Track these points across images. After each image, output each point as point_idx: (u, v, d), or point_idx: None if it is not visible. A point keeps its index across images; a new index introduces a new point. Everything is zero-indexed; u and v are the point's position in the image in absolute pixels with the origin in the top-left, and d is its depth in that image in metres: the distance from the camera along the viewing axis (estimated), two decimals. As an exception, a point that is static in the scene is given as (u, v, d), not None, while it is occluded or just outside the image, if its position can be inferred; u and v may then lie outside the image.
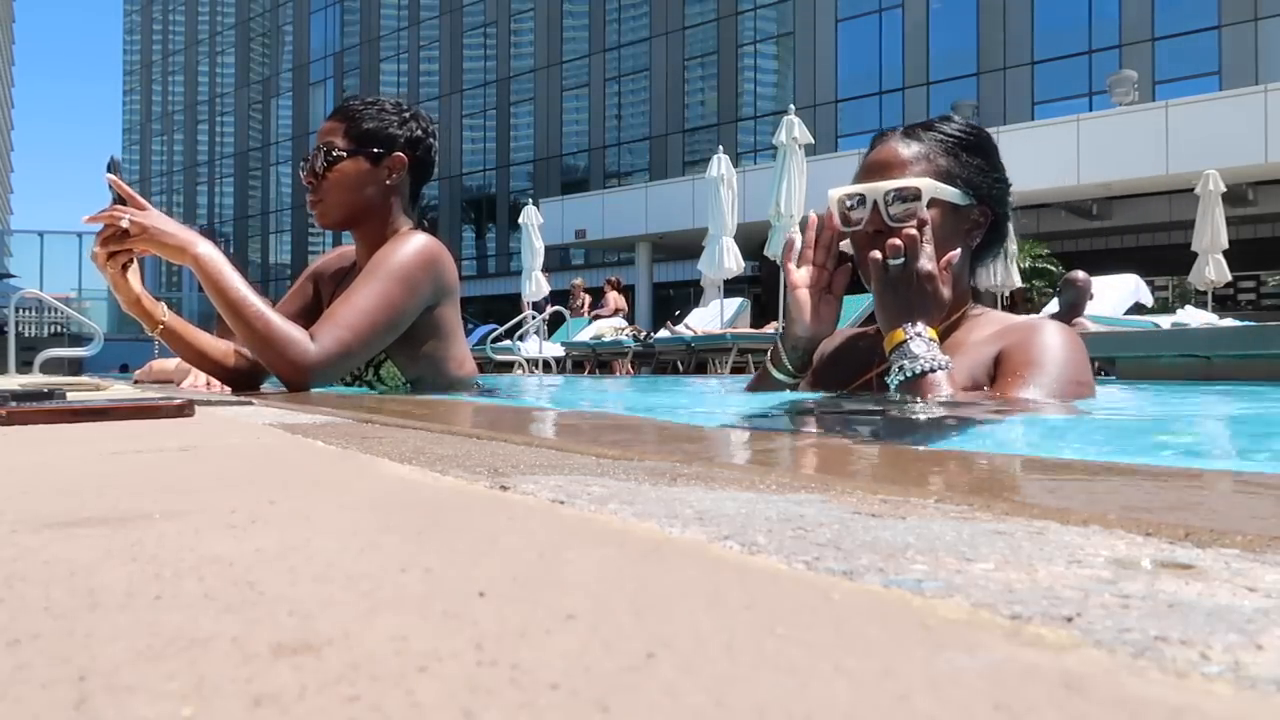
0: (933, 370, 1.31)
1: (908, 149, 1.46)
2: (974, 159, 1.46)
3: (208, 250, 1.79)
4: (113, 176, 1.83)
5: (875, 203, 1.41)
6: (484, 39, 34.81)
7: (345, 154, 1.94)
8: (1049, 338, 1.39)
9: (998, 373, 1.36)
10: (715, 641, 0.22)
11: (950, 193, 1.42)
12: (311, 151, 1.98)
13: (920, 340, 1.34)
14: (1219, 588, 0.28)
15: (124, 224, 1.74)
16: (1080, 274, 7.40)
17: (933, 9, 23.93)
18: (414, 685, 0.20)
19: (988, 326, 1.46)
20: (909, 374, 1.31)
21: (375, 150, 1.95)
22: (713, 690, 0.19)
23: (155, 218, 1.78)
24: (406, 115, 2.01)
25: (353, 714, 0.18)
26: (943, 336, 1.41)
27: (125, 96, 54.60)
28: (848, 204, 1.46)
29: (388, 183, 1.97)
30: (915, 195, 1.39)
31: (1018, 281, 11.31)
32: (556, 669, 0.20)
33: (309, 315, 2.02)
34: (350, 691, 0.19)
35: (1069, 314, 6.99)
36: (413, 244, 1.89)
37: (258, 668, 0.21)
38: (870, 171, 1.48)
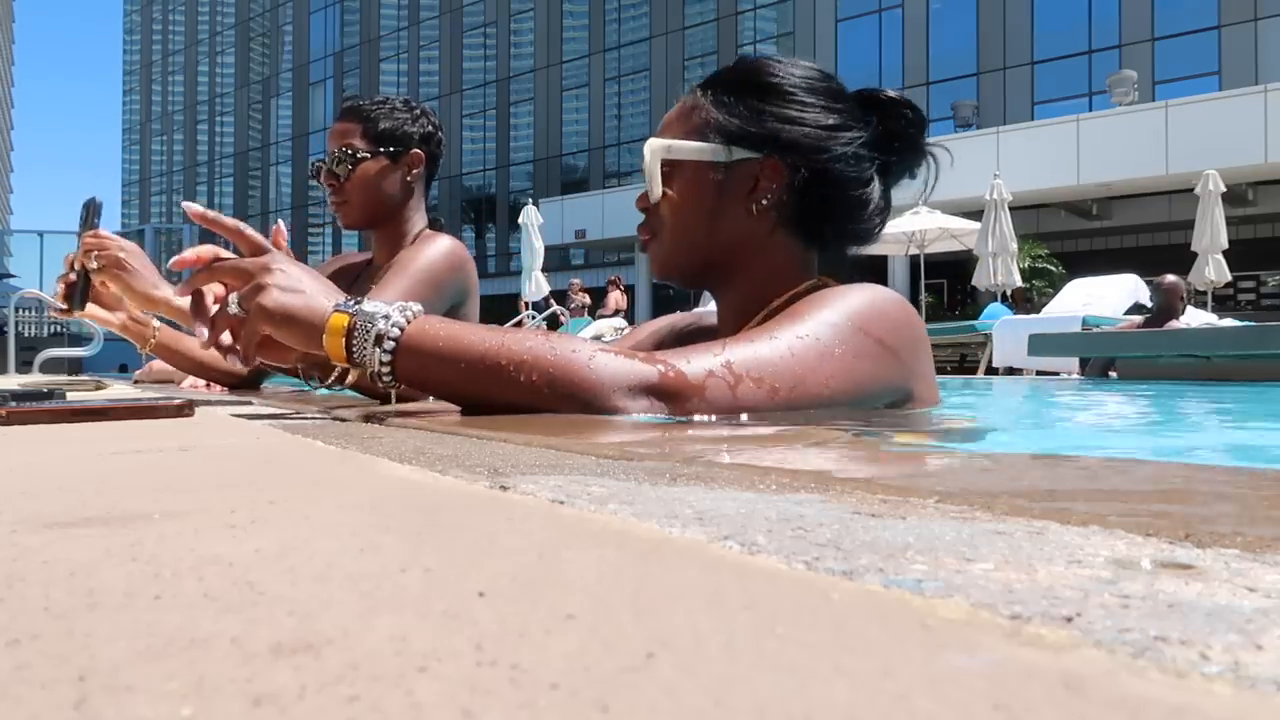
0: (410, 319, 0.98)
1: (680, 107, 1.22)
2: (759, 103, 1.15)
3: (182, 300, 1.76)
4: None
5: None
6: (484, 39, 34.84)
7: (368, 155, 1.96)
8: (832, 295, 1.06)
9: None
10: (715, 641, 0.22)
11: (690, 149, 1.15)
12: (325, 154, 2.00)
13: (372, 304, 0.99)
14: (1219, 588, 0.28)
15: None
16: (1170, 277, 7.00)
17: (933, 9, 23.94)
18: (414, 685, 0.20)
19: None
20: (390, 349, 0.96)
21: (394, 149, 1.98)
22: (713, 690, 0.19)
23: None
24: (417, 112, 2.04)
25: (352, 714, 0.18)
26: (760, 323, 1.12)
27: (125, 96, 54.64)
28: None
29: (407, 180, 2.01)
30: (652, 164, 1.16)
31: (1017, 280, 11.32)
32: (556, 669, 0.20)
33: None
34: (350, 691, 0.19)
35: (1161, 319, 6.80)
36: (439, 246, 1.94)
37: (258, 668, 0.21)
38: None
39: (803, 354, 0.97)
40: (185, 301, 1.71)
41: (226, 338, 1.09)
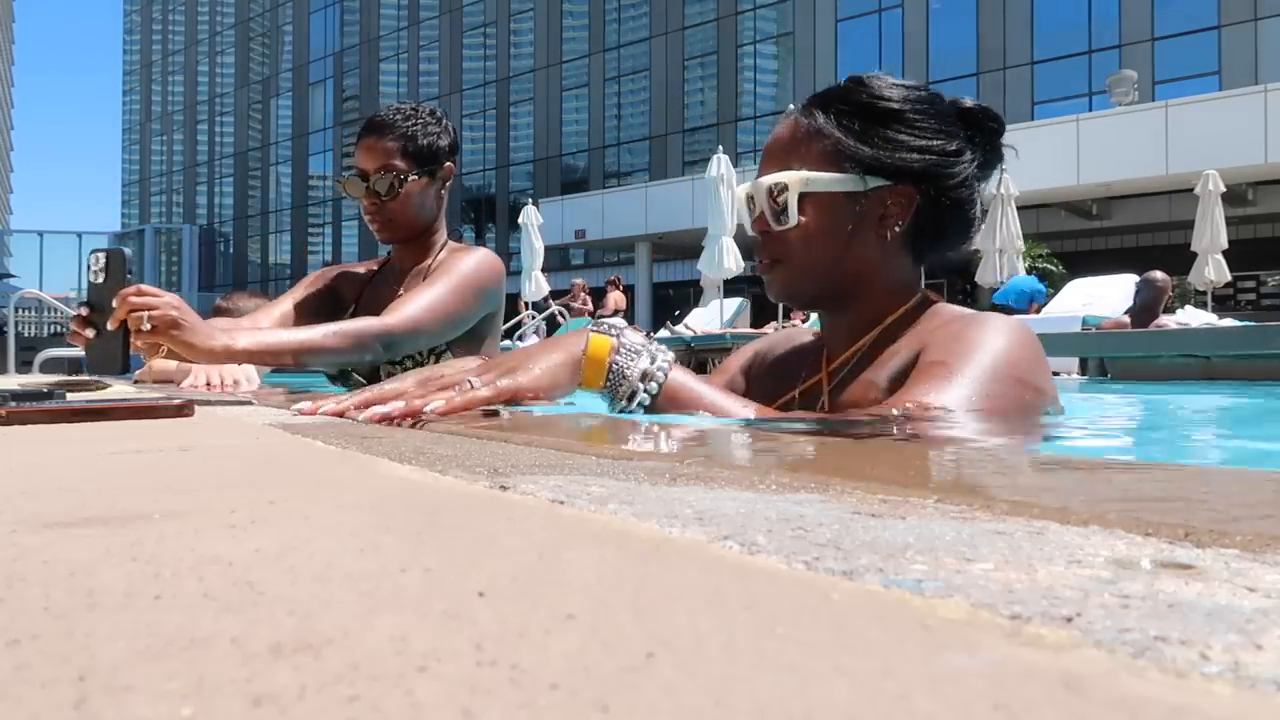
0: (665, 374, 1.05)
1: (799, 128, 1.21)
2: (886, 130, 1.17)
3: (244, 342, 1.65)
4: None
5: (759, 202, 1.21)
6: (484, 39, 34.84)
7: (415, 176, 1.98)
8: (980, 330, 1.12)
9: (911, 376, 1.11)
10: (715, 641, 0.22)
11: (829, 180, 1.16)
12: (352, 172, 1.99)
13: (630, 337, 1.05)
14: (1219, 588, 0.28)
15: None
16: (1159, 274, 7.03)
17: (933, 9, 23.95)
18: (414, 685, 0.20)
19: (926, 325, 1.19)
20: (654, 391, 1.04)
21: (431, 167, 2.01)
22: (713, 690, 0.19)
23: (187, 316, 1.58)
24: (443, 121, 2.07)
25: (352, 714, 0.18)
26: (877, 339, 1.20)
27: (125, 96, 54.63)
28: (748, 204, 1.26)
29: (441, 193, 2.06)
30: (783, 193, 1.18)
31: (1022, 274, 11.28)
32: (556, 669, 0.20)
33: (329, 308, 2.09)
34: (350, 691, 0.19)
35: (1144, 315, 6.82)
36: (481, 256, 2.02)
37: (257, 668, 0.21)
38: (761, 159, 1.25)
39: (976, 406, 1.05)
40: (248, 344, 1.64)
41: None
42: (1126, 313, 7.61)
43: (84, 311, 1.60)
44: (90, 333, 1.58)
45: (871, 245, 1.19)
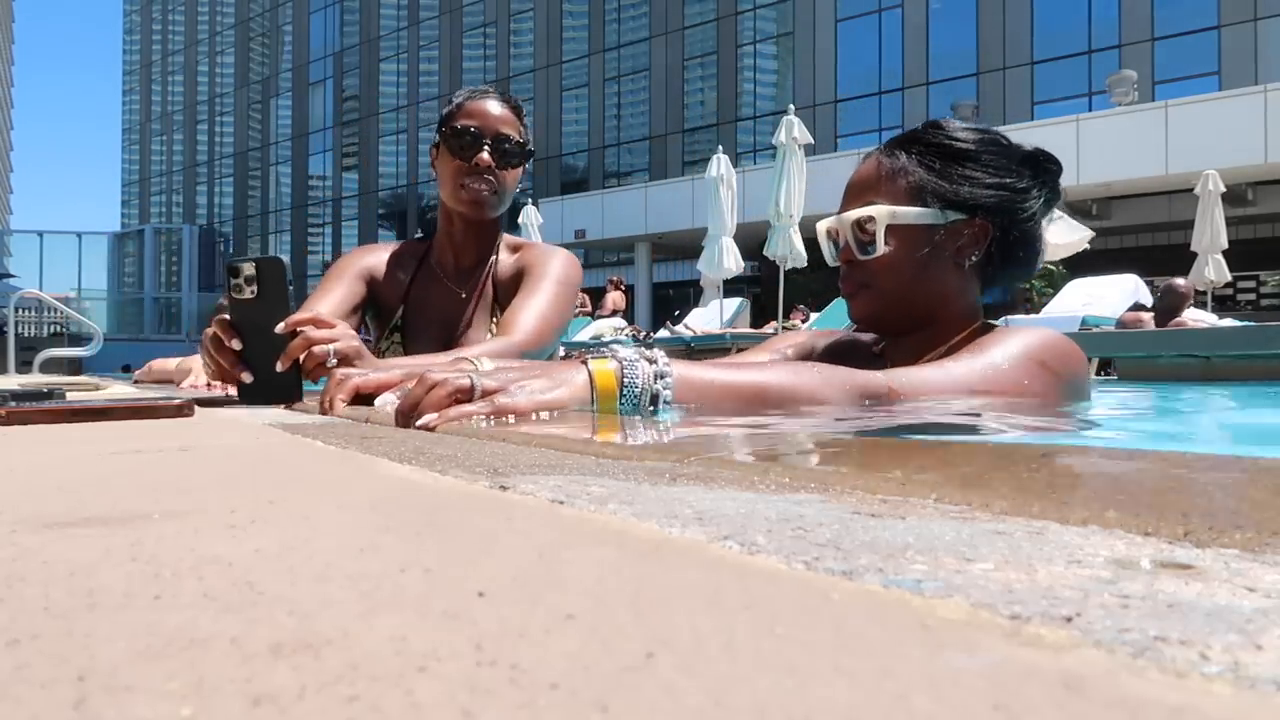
0: (670, 365, 1.01)
1: (882, 168, 1.33)
2: (962, 168, 1.30)
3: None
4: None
5: (845, 235, 1.33)
6: (484, 39, 34.84)
7: (531, 151, 1.97)
8: (1013, 334, 1.27)
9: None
10: (715, 641, 0.22)
11: (912, 214, 1.28)
12: (491, 137, 1.89)
13: (622, 351, 1.03)
14: (1218, 588, 0.28)
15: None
16: (1181, 281, 7.55)
17: (932, 9, 23.94)
18: (413, 685, 0.20)
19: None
20: (670, 385, 1.00)
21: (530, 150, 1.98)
22: (712, 690, 0.19)
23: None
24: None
25: (352, 714, 0.18)
26: (941, 356, 1.30)
27: (125, 96, 54.61)
28: (829, 237, 1.39)
29: None
30: (871, 225, 1.29)
31: None
32: (556, 669, 0.20)
33: (370, 315, 2.02)
34: (349, 691, 0.19)
35: (1165, 319, 7.11)
36: (565, 257, 2.01)
37: (257, 668, 0.21)
38: (845, 195, 1.38)
39: (1004, 375, 1.19)
40: (409, 366, 1.40)
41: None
42: (1128, 311, 7.71)
43: (236, 345, 1.34)
44: (248, 377, 1.34)
45: (949, 274, 1.31)
